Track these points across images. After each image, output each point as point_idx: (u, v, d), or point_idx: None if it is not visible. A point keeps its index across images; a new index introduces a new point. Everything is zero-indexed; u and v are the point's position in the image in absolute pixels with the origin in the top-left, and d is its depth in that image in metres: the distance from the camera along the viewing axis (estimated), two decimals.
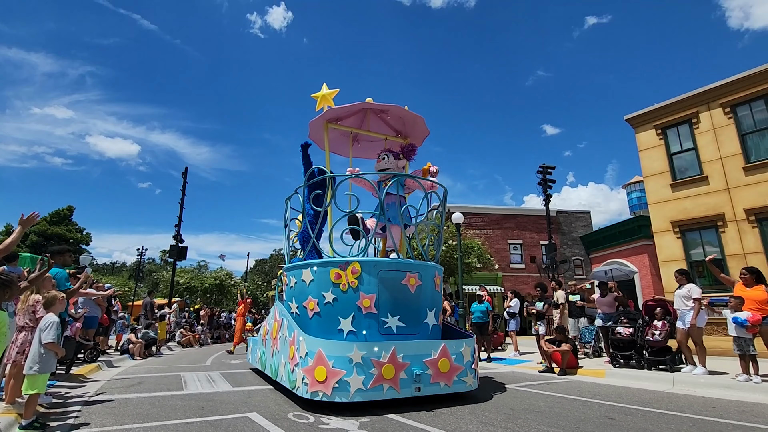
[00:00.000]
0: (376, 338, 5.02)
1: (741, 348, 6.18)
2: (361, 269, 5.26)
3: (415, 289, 5.49)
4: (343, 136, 7.68)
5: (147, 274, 53.70)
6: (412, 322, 5.41)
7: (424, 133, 7.44)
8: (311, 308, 5.42)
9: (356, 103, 6.75)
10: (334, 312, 5.24)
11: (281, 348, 5.69)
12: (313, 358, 4.67)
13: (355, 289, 5.21)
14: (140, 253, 37.05)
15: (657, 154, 13.03)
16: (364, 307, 5.16)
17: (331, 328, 5.20)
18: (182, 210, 19.65)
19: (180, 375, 7.64)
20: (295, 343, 5.07)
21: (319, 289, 5.38)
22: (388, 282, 5.32)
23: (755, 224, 10.69)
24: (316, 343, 4.77)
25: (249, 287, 34.64)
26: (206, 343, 17.27)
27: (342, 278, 5.27)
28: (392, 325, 5.22)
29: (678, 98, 12.58)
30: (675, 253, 12.20)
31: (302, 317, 5.55)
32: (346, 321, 5.16)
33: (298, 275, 5.80)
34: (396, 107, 6.86)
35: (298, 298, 5.74)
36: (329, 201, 5.94)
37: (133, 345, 10.71)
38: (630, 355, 7.88)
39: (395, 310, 5.28)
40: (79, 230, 40.67)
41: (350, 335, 5.09)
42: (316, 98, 6.93)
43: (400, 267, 5.54)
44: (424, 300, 5.64)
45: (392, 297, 5.31)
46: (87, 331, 8.55)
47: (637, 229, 20.19)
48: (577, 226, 26.63)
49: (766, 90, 10.85)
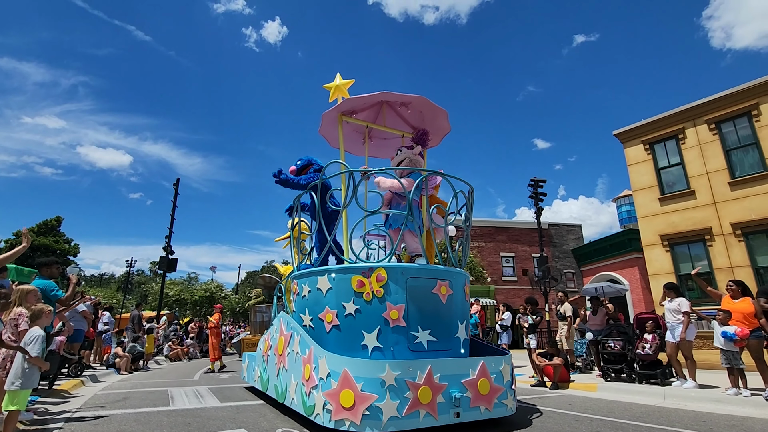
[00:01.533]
0: (405, 355, 4.42)
1: (730, 361, 6.22)
2: (388, 276, 4.58)
3: (446, 299, 4.85)
4: (355, 132, 6.96)
5: (136, 286, 52.91)
6: (444, 336, 4.78)
7: (445, 129, 6.68)
8: (329, 321, 4.74)
9: (375, 93, 5.89)
10: (356, 325, 4.57)
11: (291, 367, 5.01)
12: (338, 380, 4.03)
13: (380, 299, 4.54)
14: (129, 264, 36.55)
15: (645, 169, 13.26)
16: (392, 319, 4.50)
17: (353, 343, 4.54)
18: (173, 221, 19.49)
19: (167, 390, 7.47)
20: (311, 362, 4.43)
21: (339, 299, 4.69)
22: (417, 291, 4.68)
23: (741, 238, 10.86)
24: (340, 362, 4.12)
25: (240, 299, 34.20)
26: (195, 357, 16.95)
27: (365, 286, 4.59)
28: (423, 340, 4.58)
29: (665, 114, 12.87)
30: (664, 267, 12.33)
31: (318, 331, 4.87)
32: (370, 335, 4.49)
33: (312, 283, 5.10)
34: (419, 98, 6.11)
35: (312, 309, 5.07)
36: (350, 199, 5.08)
37: (119, 359, 10.47)
38: (621, 368, 7.89)
39: (425, 323, 4.65)
40: (67, 241, 40.01)
41: (376, 352, 4.45)
42: (329, 89, 6.26)
43: (430, 274, 4.87)
44: (455, 311, 5.00)
45: (422, 308, 4.68)
46: (72, 344, 8.37)
47: (627, 242, 20.40)
48: (568, 239, 26.82)
49: (749, 107, 11.16)
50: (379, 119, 6.73)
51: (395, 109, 6.66)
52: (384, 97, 6.06)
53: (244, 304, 36.16)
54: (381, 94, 5.89)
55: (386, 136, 7.02)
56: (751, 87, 11.13)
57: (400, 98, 6.16)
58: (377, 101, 6.29)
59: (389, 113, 6.70)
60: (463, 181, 5.42)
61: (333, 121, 6.25)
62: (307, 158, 6.61)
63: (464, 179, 5.44)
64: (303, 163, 6.57)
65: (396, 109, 6.65)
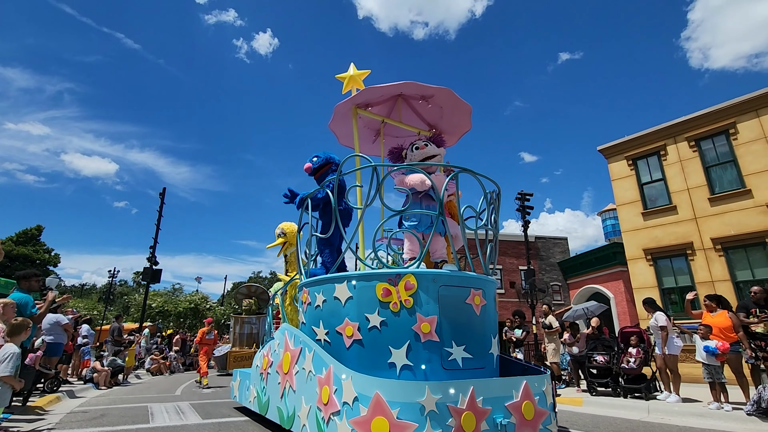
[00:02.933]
0: (439, 375, 3.88)
1: (712, 376, 6.32)
2: (418, 284, 4.04)
3: (480, 310, 4.36)
4: (365, 128, 6.31)
5: (118, 297, 51.71)
6: (479, 352, 4.26)
7: (465, 127, 6.09)
8: (349, 335, 4.17)
9: (397, 83, 5.26)
10: (382, 340, 4.01)
11: (301, 388, 4.42)
12: (369, 406, 3.44)
13: (410, 309, 4.01)
14: (112, 274, 35.73)
15: (628, 184, 13.54)
16: (423, 333, 3.95)
17: (379, 361, 3.98)
18: (158, 231, 19.18)
19: (147, 406, 7.27)
20: (331, 383, 3.87)
21: (361, 310, 4.14)
22: (449, 301, 4.16)
23: (721, 253, 11.12)
24: (371, 384, 3.53)
25: (225, 311, 33.66)
26: (178, 371, 16.57)
27: (392, 295, 4.07)
28: (457, 357, 4.03)
29: (647, 131, 13.22)
30: (648, 280, 12.53)
31: (335, 346, 4.29)
32: (399, 352, 3.94)
33: (328, 291, 4.50)
34: (444, 90, 5.51)
35: (328, 321, 4.46)
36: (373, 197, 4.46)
37: (97, 373, 10.17)
38: (606, 382, 7.94)
39: (459, 337, 4.12)
40: (47, 251, 39.00)
41: (405, 371, 3.89)
42: (342, 79, 5.77)
43: (463, 282, 4.33)
44: (488, 324, 4.50)
45: (455, 320, 4.15)
46: (50, 359, 8.11)
47: (612, 255, 20.71)
48: (555, 252, 27.12)
49: (727, 126, 11.54)
50: (393, 114, 6.10)
51: (411, 104, 6.01)
52: (406, 88, 5.41)
53: (230, 315, 35.65)
54: (403, 84, 5.28)
55: (398, 134, 6.35)
56: (728, 106, 11.52)
57: (423, 90, 5.52)
58: (395, 94, 5.67)
59: (404, 107, 6.04)
60: (491, 180, 4.85)
61: (346, 113, 5.61)
62: (325, 155, 5.84)
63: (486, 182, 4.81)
64: (320, 161, 5.79)
65: (412, 104, 6.01)
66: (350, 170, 4.81)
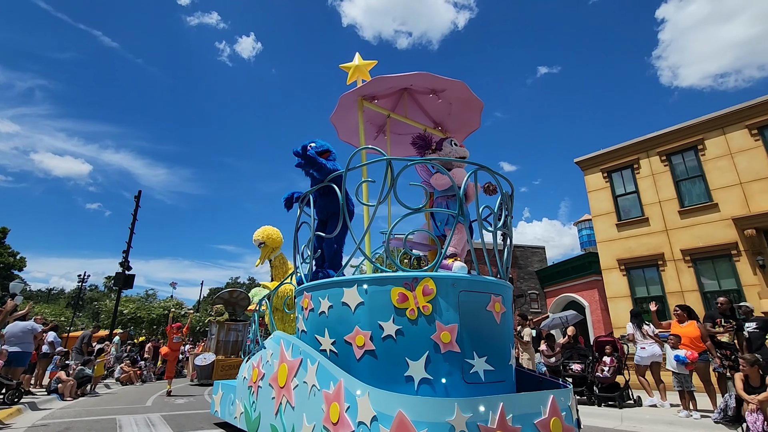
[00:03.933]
0: (461, 390, 3.55)
1: (681, 384, 6.51)
2: (436, 289, 3.71)
3: (500, 317, 4.05)
4: (368, 123, 5.86)
5: (88, 302, 49.85)
6: (500, 364, 3.93)
7: (474, 125, 5.79)
8: (360, 345, 3.78)
9: (409, 74, 4.91)
10: (398, 350, 3.64)
11: (301, 404, 3.94)
12: (391, 426, 3.06)
13: (428, 317, 3.66)
14: (82, 279, 34.42)
15: (604, 196, 13.94)
16: (443, 343, 3.61)
17: (395, 374, 3.60)
18: (132, 235, 18.62)
19: (115, 418, 6.99)
20: (341, 399, 3.47)
21: (374, 317, 3.76)
22: (470, 308, 3.83)
23: (690, 264, 11.54)
24: (392, 401, 3.16)
25: (201, 317, 32.83)
26: (149, 380, 16.00)
27: (409, 301, 3.71)
28: (479, 370, 3.71)
29: (621, 145, 13.67)
30: (621, 290, 12.87)
31: (343, 358, 3.86)
32: (416, 364, 3.57)
33: (335, 296, 4.08)
34: (458, 83, 5.17)
35: (334, 329, 4.04)
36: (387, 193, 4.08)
37: (62, 384, 9.72)
38: (581, 391, 8.08)
39: (481, 348, 3.79)
40: (12, 254, 37.36)
41: (424, 385, 3.52)
42: (347, 69, 5.48)
43: (483, 287, 4.01)
44: (508, 333, 4.20)
45: (476, 329, 3.82)
46: (14, 369, 7.72)
47: (588, 265, 21.18)
48: (533, 261, 27.57)
49: (695, 142, 12.04)
50: (398, 109, 5.71)
51: (417, 99, 5.69)
52: (418, 79, 5.06)
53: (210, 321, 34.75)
54: (416, 74, 4.94)
55: (402, 130, 5.93)
56: (697, 123, 12.03)
57: (435, 82, 5.20)
58: (405, 85, 5.36)
59: (410, 102, 5.72)
60: (506, 179, 4.57)
61: (351, 105, 5.24)
62: (323, 143, 5.34)
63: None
64: (318, 148, 5.12)
65: (418, 99, 5.69)
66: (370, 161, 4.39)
